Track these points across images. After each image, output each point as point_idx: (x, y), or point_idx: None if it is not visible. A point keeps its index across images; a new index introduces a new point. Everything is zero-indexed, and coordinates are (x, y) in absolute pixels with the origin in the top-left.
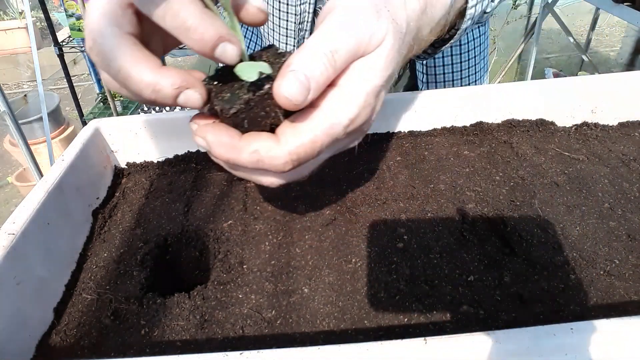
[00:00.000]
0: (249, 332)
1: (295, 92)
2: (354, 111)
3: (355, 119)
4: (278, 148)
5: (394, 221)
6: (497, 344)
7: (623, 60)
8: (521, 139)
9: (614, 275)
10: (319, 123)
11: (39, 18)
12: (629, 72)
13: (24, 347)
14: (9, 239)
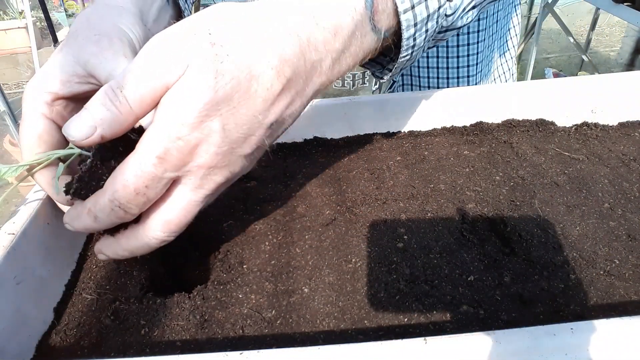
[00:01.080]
0: (249, 332)
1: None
2: (159, 148)
3: (167, 153)
4: (101, 196)
5: (394, 221)
6: (497, 344)
7: (623, 60)
8: (521, 139)
9: (614, 275)
10: (127, 167)
11: (39, 18)
12: (629, 72)
13: (24, 347)
14: (9, 239)
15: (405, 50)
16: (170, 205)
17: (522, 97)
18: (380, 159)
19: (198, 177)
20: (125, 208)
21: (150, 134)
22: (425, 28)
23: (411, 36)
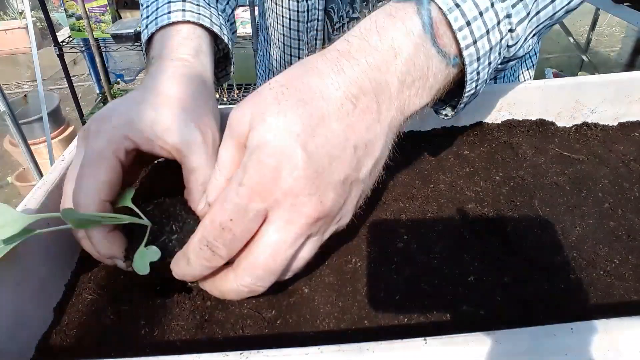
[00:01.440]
0: (249, 332)
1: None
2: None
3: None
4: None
5: (394, 221)
6: (497, 344)
7: (623, 60)
8: (521, 139)
9: (614, 275)
10: (215, 204)
11: (39, 18)
12: (629, 72)
13: (24, 347)
14: None
15: (470, 84)
16: (257, 246)
17: (522, 97)
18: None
19: (285, 210)
20: (213, 247)
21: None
22: (488, 61)
23: (474, 70)
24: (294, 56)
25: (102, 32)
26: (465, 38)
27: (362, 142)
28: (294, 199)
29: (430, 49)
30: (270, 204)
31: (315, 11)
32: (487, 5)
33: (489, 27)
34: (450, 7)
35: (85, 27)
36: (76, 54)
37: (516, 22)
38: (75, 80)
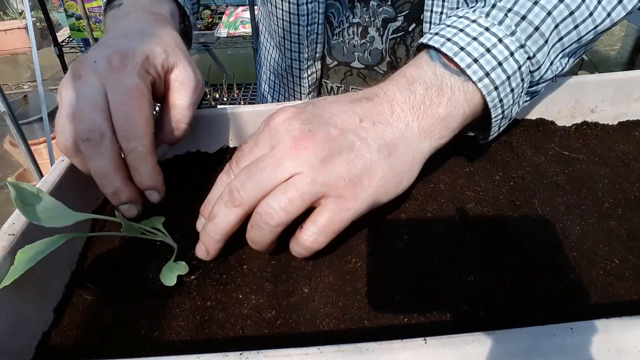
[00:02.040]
0: (249, 332)
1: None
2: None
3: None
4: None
5: (394, 221)
6: (497, 343)
7: (623, 59)
8: (521, 138)
9: (614, 275)
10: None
11: (39, 18)
12: (629, 72)
13: (24, 348)
14: (9, 239)
15: (495, 110)
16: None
17: None
18: None
19: (281, 133)
20: (229, 164)
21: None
22: (510, 88)
23: (495, 98)
24: (295, 59)
25: (102, 32)
26: (476, 73)
27: (370, 119)
28: (289, 125)
29: (438, 68)
30: (273, 132)
31: (315, 15)
32: (495, 41)
33: (501, 59)
34: (455, 51)
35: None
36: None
37: (535, 50)
38: None
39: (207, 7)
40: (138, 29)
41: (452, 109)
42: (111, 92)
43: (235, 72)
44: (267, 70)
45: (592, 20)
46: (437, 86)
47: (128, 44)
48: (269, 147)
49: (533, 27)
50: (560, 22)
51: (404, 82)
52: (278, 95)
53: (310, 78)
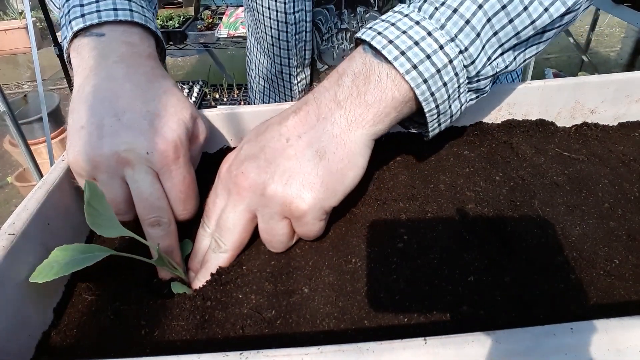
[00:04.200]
0: (249, 332)
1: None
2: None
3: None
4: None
5: (394, 221)
6: (497, 344)
7: (623, 60)
8: (521, 139)
9: (614, 275)
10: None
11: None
12: (629, 73)
13: (24, 347)
14: (9, 239)
15: (426, 104)
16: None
17: (522, 97)
18: (379, 159)
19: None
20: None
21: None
22: (442, 81)
23: (426, 91)
24: (285, 65)
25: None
26: (403, 65)
27: (295, 134)
28: (230, 172)
29: (368, 57)
30: (223, 183)
31: (303, 23)
32: (424, 34)
33: (429, 52)
34: (383, 44)
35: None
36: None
37: (467, 44)
38: None
39: (207, 7)
40: (155, 93)
41: (381, 95)
42: (168, 182)
43: (235, 73)
44: (256, 75)
45: (528, 14)
46: (364, 74)
47: (162, 127)
48: (226, 195)
49: (464, 20)
50: (493, 16)
51: (335, 77)
52: (269, 100)
53: (300, 84)
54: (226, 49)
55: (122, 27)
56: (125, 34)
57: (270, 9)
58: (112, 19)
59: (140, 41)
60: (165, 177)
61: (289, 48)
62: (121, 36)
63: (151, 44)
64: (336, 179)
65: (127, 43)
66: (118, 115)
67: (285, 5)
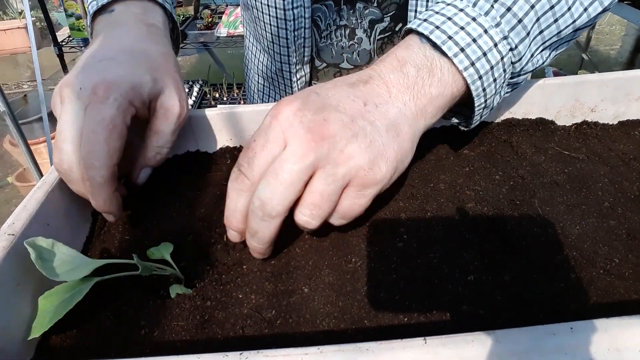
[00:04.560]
0: (249, 332)
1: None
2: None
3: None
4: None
5: (394, 220)
6: (497, 343)
7: (623, 59)
8: (521, 138)
9: (614, 274)
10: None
11: (39, 18)
12: (629, 71)
13: (24, 348)
14: (9, 240)
15: (478, 99)
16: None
17: (521, 96)
18: None
19: (296, 127)
20: (239, 166)
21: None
22: (493, 77)
23: (479, 87)
24: (284, 62)
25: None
26: (462, 62)
27: (372, 101)
28: (302, 117)
29: (427, 50)
30: (284, 126)
31: (302, 19)
32: (480, 32)
33: (485, 50)
34: (443, 40)
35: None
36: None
37: (517, 42)
38: None
39: (207, 6)
40: (130, 47)
41: (443, 89)
42: (87, 120)
43: (235, 72)
44: (254, 74)
45: (570, 14)
46: (427, 67)
47: (116, 71)
48: (282, 141)
49: (517, 19)
50: (542, 16)
51: (396, 63)
52: (268, 98)
53: (300, 81)
54: (226, 48)
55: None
56: (132, 6)
57: (269, 6)
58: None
59: (143, 11)
60: (88, 115)
61: (288, 45)
62: (128, 8)
63: (155, 15)
64: (402, 159)
65: (132, 13)
66: (87, 60)
67: (284, 1)
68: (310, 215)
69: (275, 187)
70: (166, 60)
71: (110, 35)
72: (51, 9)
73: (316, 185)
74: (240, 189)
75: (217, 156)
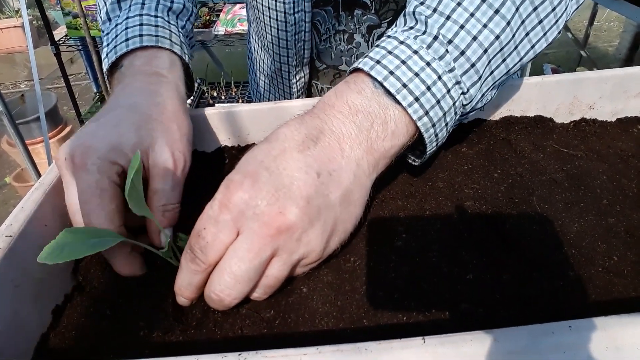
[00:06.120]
0: (247, 332)
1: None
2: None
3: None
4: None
5: (393, 219)
6: (495, 342)
7: (621, 55)
8: (519, 135)
9: (613, 272)
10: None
11: (36, 16)
12: (627, 68)
13: (23, 349)
14: (6, 241)
15: (430, 144)
16: (227, 253)
17: (520, 93)
18: None
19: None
20: (193, 251)
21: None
22: (445, 122)
23: (432, 134)
24: (284, 63)
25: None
26: (416, 112)
27: (325, 170)
28: (255, 208)
29: (381, 97)
30: (235, 215)
31: (302, 23)
32: (435, 78)
33: (439, 97)
34: (397, 88)
35: (82, 25)
36: (73, 53)
37: (469, 85)
38: (73, 79)
39: (204, 4)
40: (120, 104)
41: (396, 141)
42: (78, 191)
43: (232, 70)
44: (257, 71)
45: (517, 53)
46: (382, 119)
47: (98, 132)
48: (234, 230)
49: (470, 63)
50: (492, 58)
51: (347, 111)
52: (269, 95)
53: (299, 83)
54: (224, 46)
55: (138, 52)
56: (136, 59)
57: (270, 9)
58: (124, 50)
59: (147, 61)
60: (76, 184)
61: (289, 47)
62: (132, 62)
63: (159, 62)
64: (352, 226)
65: (135, 66)
66: (87, 125)
67: (285, 5)
68: (264, 293)
69: (232, 285)
70: (160, 112)
71: (110, 96)
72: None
73: (272, 271)
74: (196, 270)
75: (214, 155)
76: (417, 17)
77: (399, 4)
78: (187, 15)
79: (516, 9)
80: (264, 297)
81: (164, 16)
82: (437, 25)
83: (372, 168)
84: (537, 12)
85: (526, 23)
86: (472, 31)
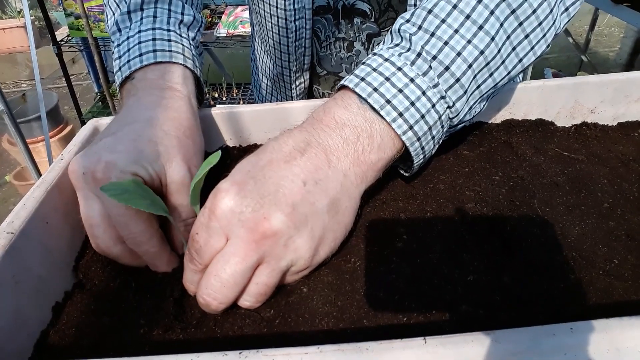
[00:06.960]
0: (247, 332)
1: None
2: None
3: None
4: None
5: (393, 221)
6: (496, 343)
7: (622, 60)
8: (520, 139)
9: (613, 275)
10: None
11: (38, 17)
12: (628, 73)
13: (23, 347)
14: (7, 238)
15: (417, 157)
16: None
17: (521, 97)
18: None
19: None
20: (190, 251)
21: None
22: (431, 136)
23: (418, 148)
24: (285, 68)
25: (101, 31)
26: (400, 126)
27: (311, 179)
28: (240, 214)
29: (367, 111)
30: (223, 223)
31: (303, 30)
32: (419, 94)
33: (423, 112)
34: (381, 104)
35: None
36: (75, 53)
37: (455, 99)
38: (74, 79)
39: (206, 6)
40: (136, 118)
41: (383, 154)
42: (106, 205)
43: (234, 72)
44: (260, 73)
45: (505, 67)
46: (368, 133)
47: (117, 147)
48: (223, 236)
49: (455, 78)
50: (478, 72)
51: (334, 125)
52: (271, 97)
53: (299, 88)
54: (225, 48)
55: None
56: (149, 72)
57: (272, 15)
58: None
59: (160, 75)
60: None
61: (289, 52)
62: (145, 75)
63: (172, 77)
64: (341, 237)
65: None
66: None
67: (286, 12)
68: (255, 301)
69: (218, 289)
70: (176, 127)
71: (123, 108)
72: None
73: (261, 278)
74: (194, 269)
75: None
76: (402, 34)
77: (398, 13)
78: (197, 26)
79: (500, 25)
80: (256, 305)
81: (176, 29)
82: (421, 42)
83: (359, 179)
84: (523, 27)
85: (512, 38)
86: (456, 47)
